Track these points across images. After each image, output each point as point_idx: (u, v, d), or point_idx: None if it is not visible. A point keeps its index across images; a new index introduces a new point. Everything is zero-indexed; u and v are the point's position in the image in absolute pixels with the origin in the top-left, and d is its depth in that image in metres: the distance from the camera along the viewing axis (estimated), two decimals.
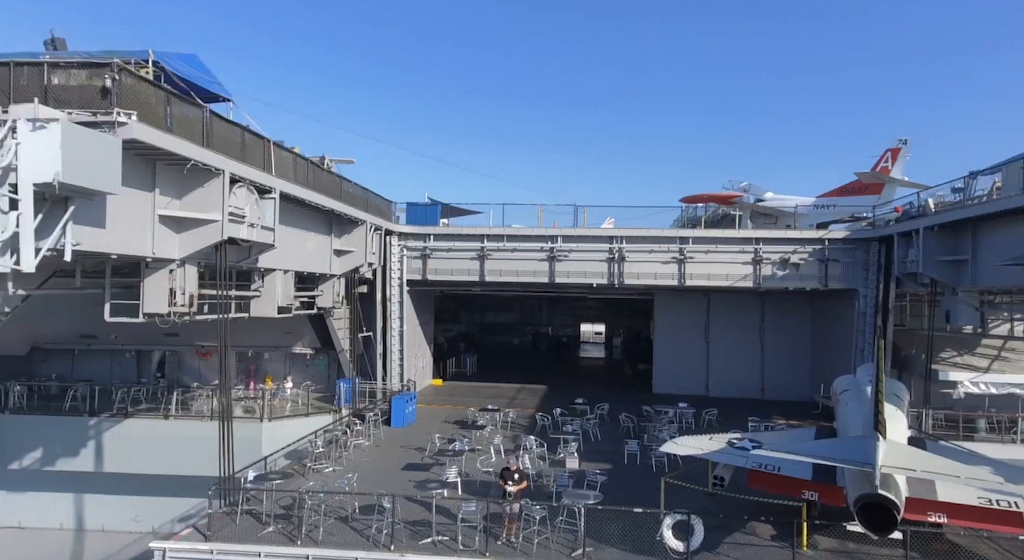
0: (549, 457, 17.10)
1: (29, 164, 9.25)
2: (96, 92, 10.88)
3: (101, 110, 10.63)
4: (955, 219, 18.57)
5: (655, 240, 24.47)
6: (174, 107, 12.18)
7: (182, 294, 13.70)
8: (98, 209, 10.90)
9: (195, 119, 12.93)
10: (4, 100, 10.72)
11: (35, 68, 11.10)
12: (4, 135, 9.18)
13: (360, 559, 11.03)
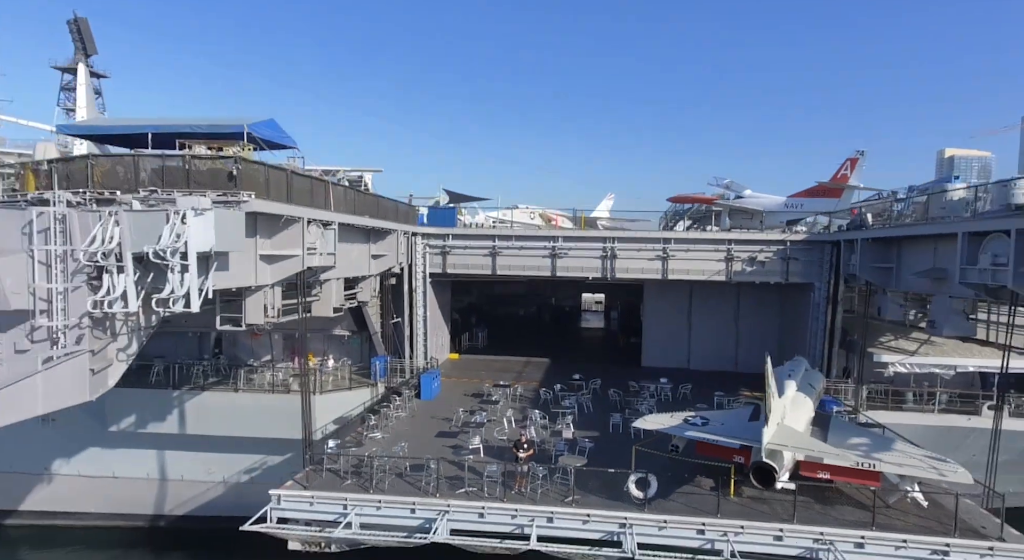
0: (550, 427, 21.89)
1: (194, 240, 13.63)
2: (224, 176, 15.16)
3: (230, 190, 14.93)
4: (884, 236, 22.79)
5: (642, 240, 28.76)
6: (271, 175, 16.45)
7: (271, 308, 18.27)
8: (224, 258, 15.33)
9: (281, 180, 17.19)
10: (158, 182, 15.06)
11: (180, 159, 15.32)
12: (178, 221, 13.53)
13: (416, 503, 15.86)
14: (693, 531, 14.92)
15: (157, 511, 30.09)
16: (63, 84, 69.31)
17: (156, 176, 15.11)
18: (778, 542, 14.58)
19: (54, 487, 29.64)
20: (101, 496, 29.57)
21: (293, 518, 16.45)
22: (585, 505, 15.74)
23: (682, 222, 34.97)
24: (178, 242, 13.41)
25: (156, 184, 14.91)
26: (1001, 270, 15.87)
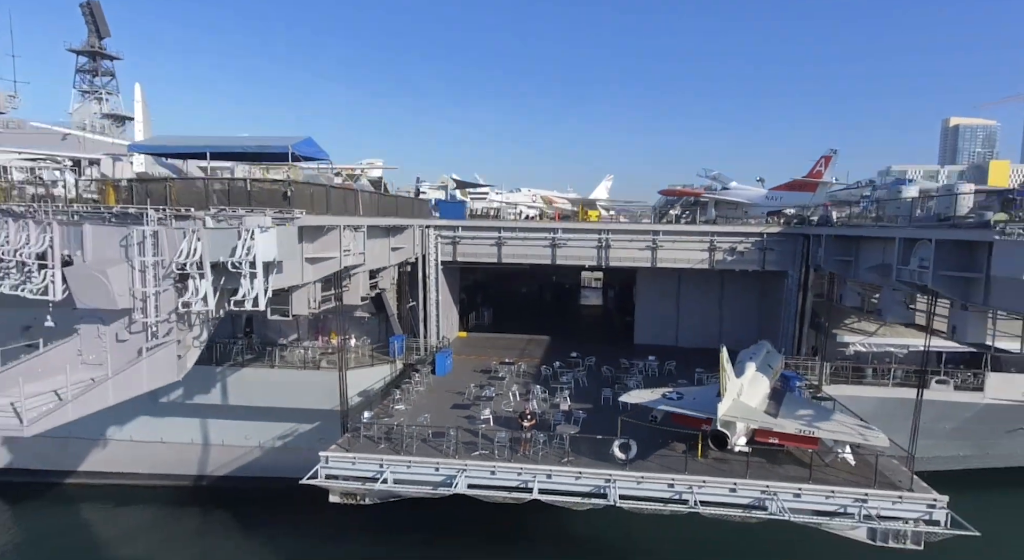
0: (549, 400, 25.43)
1: (261, 252, 16.91)
2: (279, 195, 18.34)
3: (285, 208, 18.12)
4: (843, 234, 25.98)
5: (633, 232, 31.95)
6: (314, 192, 19.63)
7: (313, 300, 21.66)
8: (281, 264, 18.62)
9: (322, 195, 20.38)
10: (225, 201, 18.26)
11: (243, 182, 18.48)
12: (248, 237, 16.77)
13: (439, 463, 19.44)
14: (665, 485, 18.50)
15: (200, 472, 34.05)
16: (78, 66, 71.61)
17: (223, 195, 18.30)
18: (732, 493, 18.17)
19: (109, 451, 33.52)
20: (150, 459, 33.47)
21: (338, 475, 20.00)
22: (577, 465, 19.31)
23: (673, 210, 37.94)
24: (248, 254, 16.68)
25: (223, 202, 18.10)
26: (925, 271, 19.12)
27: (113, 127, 71.08)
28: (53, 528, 31.52)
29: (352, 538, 27.70)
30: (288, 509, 31.43)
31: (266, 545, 29.11)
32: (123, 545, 30.79)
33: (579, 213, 58.11)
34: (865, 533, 18.71)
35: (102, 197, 20.45)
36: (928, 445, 31.57)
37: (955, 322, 20.77)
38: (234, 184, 18.27)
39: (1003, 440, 31.62)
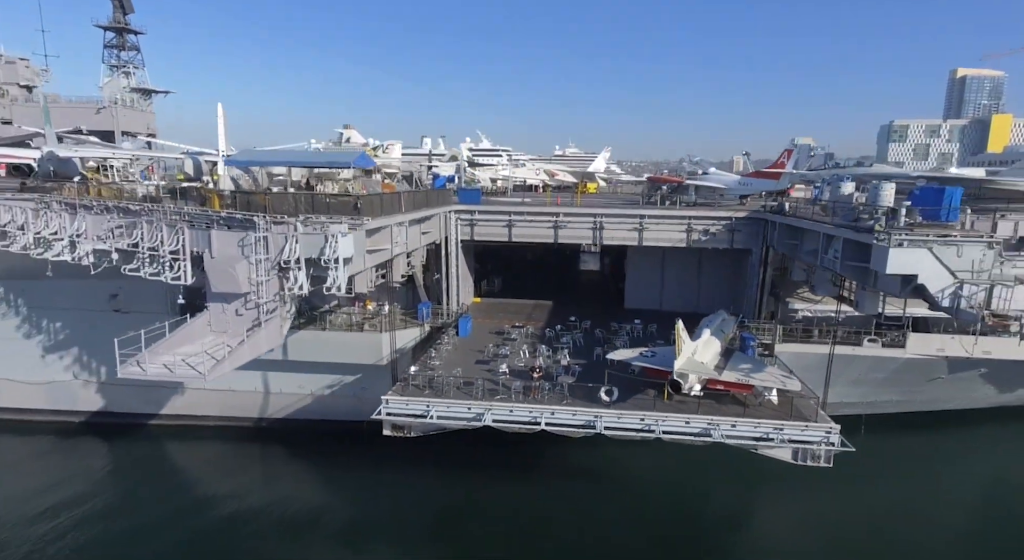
0: (552, 357, 32.17)
1: (342, 251, 23.25)
2: (350, 206, 24.54)
3: (355, 216, 24.35)
4: (791, 224, 32.23)
5: (623, 216, 38.09)
6: (374, 201, 25.81)
7: (370, 282, 28.12)
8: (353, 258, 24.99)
9: (377, 201, 26.55)
10: (310, 209, 24.51)
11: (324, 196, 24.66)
12: (333, 241, 23.06)
13: (471, 404, 26.23)
14: (637, 419, 25.32)
15: (260, 415, 41.22)
16: (106, 42, 76.26)
17: (308, 205, 24.50)
18: (686, 425, 25.01)
19: (187, 397, 40.59)
20: (221, 404, 40.52)
21: (394, 413, 26.83)
22: (574, 405, 26.14)
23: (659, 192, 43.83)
24: (333, 253, 23.04)
25: (308, 211, 24.32)
26: (837, 260, 25.50)
27: (141, 100, 76.25)
28: (139, 459, 38.95)
29: (385, 468, 35.02)
30: (333, 444, 38.95)
31: (314, 473, 36.74)
32: (197, 473, 38.33)
33: (579, 186, 64.10)
34: (790, 454, 25.62)
35: (208, 203, 26.63)
36: (865, 392, 39.01)
37: (857, 298, 27.30)
38: (317, 197, 24.44)
39: (925, 388, 38.56)
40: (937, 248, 21.44)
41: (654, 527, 30.71)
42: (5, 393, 40.71)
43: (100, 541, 29.68)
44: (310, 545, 29.47)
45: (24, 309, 39.47)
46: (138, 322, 38.40)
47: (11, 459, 39.48)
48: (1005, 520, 33.14)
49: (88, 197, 30.84)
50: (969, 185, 38.81)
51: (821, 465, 25.53)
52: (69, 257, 28.91)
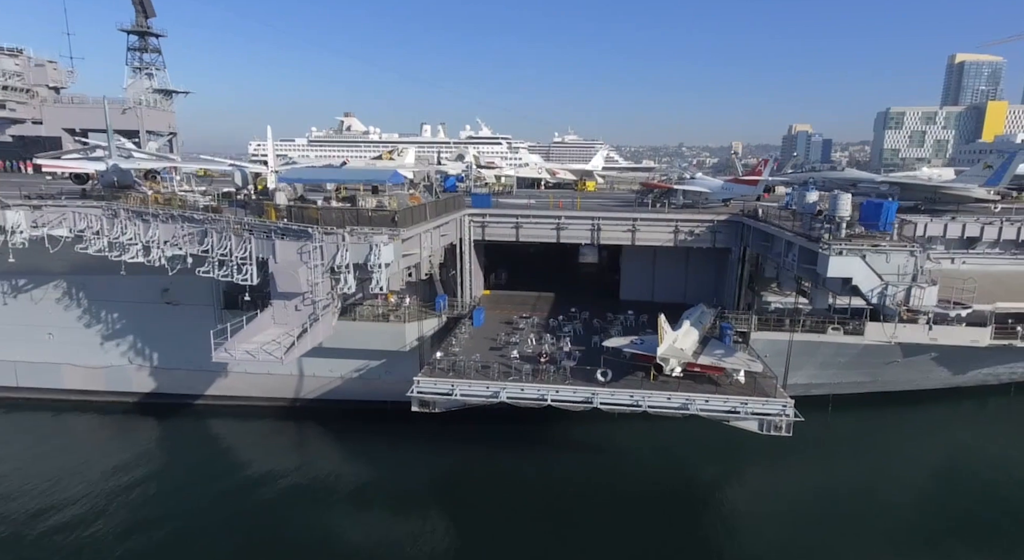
0: (556, 344, 37.37)
1: (384, 258, 28.35)
2: (389, 219, 29.57)
3: (394, 228, 29.39)
4: (762, 229, 37.33)
5: (618, 219, 43.12)
6: (408, 213, 30.84)
7: (401, 280, 33.21)
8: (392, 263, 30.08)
9: (410, 214, 31.57)
10: (354, 221, 29.56)
11: (368, 211, 29.70)
12: (376, 249, 28.14)
13: (488, 384, 31.43)
14: (627, 396, 30.52)
15: (295, 396, 46.48)
16: (129, 45, 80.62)
17: (353, 218, 29.53)
18: (668, 400, 30.21)
19: (229, 380, 45.82)
20: (260, 386, 45.76)
21: (424, 391, 32.01)
22: (574, 384, 31.35)
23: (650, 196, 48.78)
24: (377, 260, 28.14)
25: (353, 223, 29.35)
26: (794, 263, 30.63)
27: (164, 100, 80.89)
28: (186, 435, 44.27)
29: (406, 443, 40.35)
30: (360, 422, 44.41)
31: (343, 447, 42.13)
32: (238, 448, 43.62)
33: (578, 184, 69.03)
34: (756, 425, 30.86)
35: (265, 214, 31.62)
36: (831, 374, 44.31)
37: (811, 295, 32.47)
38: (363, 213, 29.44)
39: (884, 370, 43.89)
40: (869, 256, 26.63)
41: (642, 490, 36.21)
42: (68, 376, 45.94)
43: (152, 506, 34.51)
44: (341, 510, 34.65)
45: (85, 301, 44.54)
46: (187, 313, 43.91)
47: (74, 435, 44.80)
48: (954, 490, 38.49)
49: (154, 206, 35.78)
50: (926, 192, 43.87)
51: (783, 434, 30.67)
52: (144, 260, 33.96)
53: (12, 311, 44.79)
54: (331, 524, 33.20)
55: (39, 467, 38.52)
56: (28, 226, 36.35)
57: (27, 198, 38.47)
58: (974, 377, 47.67)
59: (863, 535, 32.28)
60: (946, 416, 47.70)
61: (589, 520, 33.12)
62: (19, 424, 45.82)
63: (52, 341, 45.38)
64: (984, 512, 34.77)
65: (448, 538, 32.16)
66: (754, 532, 32.86)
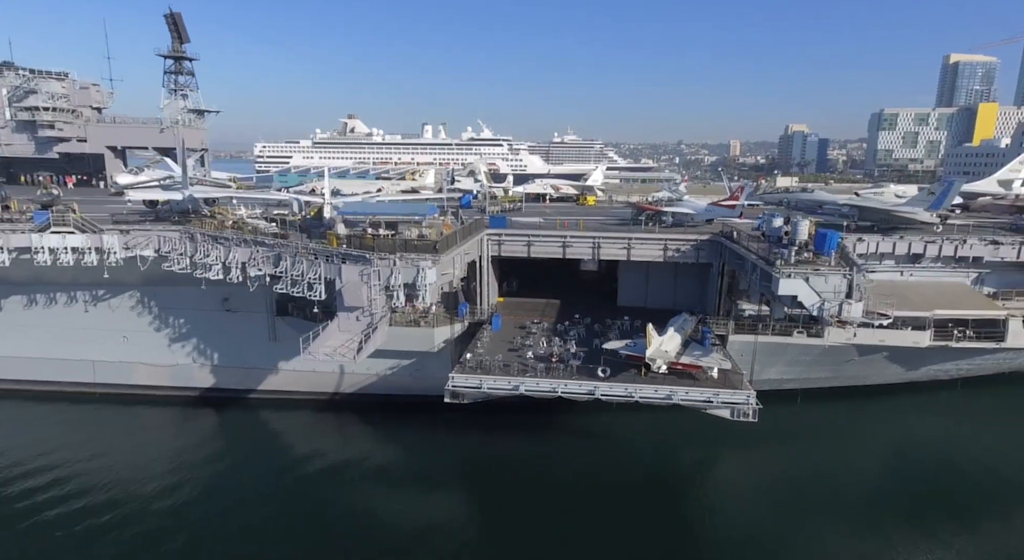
0: (563, 345, 44.87)
1: (429, 279, 35.84)
2: (431, 246, 37.01)
3: (435, 254, 36.81)
4: (735, 249, 44.85)
5: (615, 238, 50.61)
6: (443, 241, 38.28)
7: (437, 293, 40.66)
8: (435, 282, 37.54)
9: (446, 241, 39.01)
10: (403, 249, 37.04)
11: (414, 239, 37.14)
12: (424, 272, 35.59)
13: (510, 379, 38.88)
14: (623, 389, 38.00)
15: (336, 390, 53.89)
16: (166, 68, 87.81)
17: (401, 245, 36.98)
18: (655, 392, 37.67)
19: (280, 377, 53.25)
20: (306, 381, 53.14)
21: (459, 386, 39.41)
22: (579, 379, 38.82)
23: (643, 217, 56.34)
24: (423, 281, 35.59)
25: (402, 249, 36.78)
26: (756, 282, 38.11)
27: (197, 119, 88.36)
28: (241, 425, 51.68)
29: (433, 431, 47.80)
30: (393, 413, 51.86)
31: (378, 436, 49.68)
32: (286, 435, 51.08)
33: (579, 198, 76.59)
34: (728, 413, 38.30)
35: (328, 241, 39.01)
36: (799, 371, 51.83)
37: (771, 306, 39.96)
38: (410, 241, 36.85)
39: (845, 367, 51.45)
40: (811, 278, 34.17)
41: (634, 469, 43.85)
42: (141, 373, 53.42)
43: (215, 482, 41.69)
44: (375, 487, 41.93)
45: (156, 309, 51.95)
46: (243, 319, 51.32)
47: (145, 424, 52.29)
48: (905, 471, 45.78)
49: (226, 230, 43.18)
50: (880, 214, 51.37)
51: (750, 420, 38.13)
52: (223, 277, 41.34)
53: (92, 317, 52.19)
54: (366, 499, 40.66)
55: (116, 451, 46.20)
56: (121, 248, 43.66)
57: (117, 223, 45.77)
58: (925, 373, 55.13)
59: (825, 509, 39.53)
60: (901, 407, 55.17)
61: (590, 494, 40.70)
62: (95, 415, 53.21)
63: (126, 343, 52.81)
64: (930, 490, 42.11)
65: (469, 509, 39.87)
66: (730, 506, 40.45)
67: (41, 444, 46.22)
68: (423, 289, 35.41)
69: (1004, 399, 57.01)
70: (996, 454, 47.19)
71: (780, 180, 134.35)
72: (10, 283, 49.84)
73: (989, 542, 36.55)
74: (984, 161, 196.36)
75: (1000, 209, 60.35)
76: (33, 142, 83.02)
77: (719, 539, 36.73)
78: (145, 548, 34.75)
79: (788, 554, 35.04)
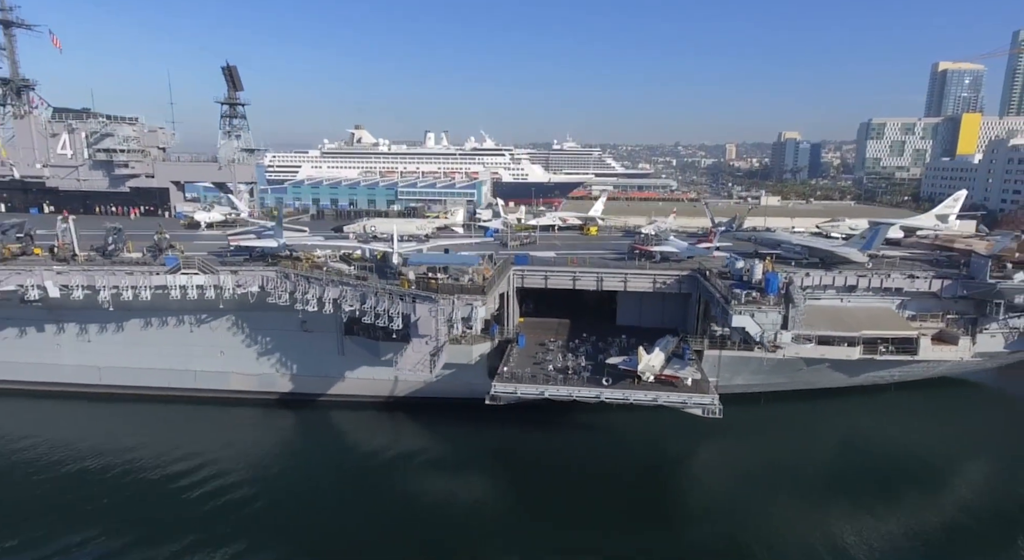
0: (575, 360, 58.73)
1: (479, 313, 49.73)
2: (480, 289, 50.85)
3: (483, 295, 50.58)
4: (706, 286, 58.82)
5: (615, 273, 64.53)
6: (489, 283, 52.14)
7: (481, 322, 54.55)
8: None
9: (491, 283, 52.83)
10: (459, 291, 50.94)
11: (465, 283, 51.05)
12: (476, 310, 49.40)
13: (537, 386, 52.77)
14: (621, 394, 51.85)
15: (390, 394, 67.72)
16: (222, 113, 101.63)
17: (458, 288, 50.80)
18: (644, 396, 51.52)
19: (346, 383, 66.98)
20: (368, 387, 66.86)
21: (498, 391, 53.18)
22: (588, 386, 52.68)
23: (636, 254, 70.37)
24: (476, 315, 49.45)
25: (459, 291, 50.58)
26: (719, 314, 52.06)
27: (248, 157, 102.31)
28: (314, 422, 65.53)
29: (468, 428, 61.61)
30: (438, 414, 65.60)
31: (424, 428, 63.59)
32: (350, 430, 64.96)
33: (583, 227, 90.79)
34: (700, 411, 52.10)
35: (399, 282, 52.77)
36: (762, 378, 65.98)
37: (730, 331, 53.94)
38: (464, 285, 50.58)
39: (798, 375, 65.50)
40: (756, 315, 48.16)
41: (629, 453, 57.92)
42: (235, 380, 67.24)
43: (291, 468, 55.51)
44: (424, 472, 55.80)
45: (247, 329, 65.69)
46: (317, 337, 65.30)
47: (237, 421, 66.05)
48: (850, 459, 59.94)
49: (314, 271, 56.92)
50: (824, 253, 65.37)
51: (716, 416, 51.94)
52: (318, 310, 55.01)
53: (196, 336, 65.95)
54: (418, 478, 54.67)
55: (215, 442, 59.76)
56: (233, 285, 57.41)
57: (227, 265, 59.51)
58: (865, 378, 69.18)
59: (783, 487, 53.26)
60: (845, 406, 69.24)
61: (596, 473, 54.78)
62: (195, 414, 66.96)
63: (223, 356, 66.58)
64: (868, 472, 55.71)
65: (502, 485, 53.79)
66: (704, 483, 54.85)
67: (159, 438, 60.23)
68: (475, 321, 49.19)
69: (930, 400, 71.18)
70: (920, 444, 61.71)
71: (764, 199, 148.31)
72: (133, 309, 63.50)
73: (912, 512, 49.95)
74: (959, 175, 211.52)
75: (923, 247, 74.43)
76: (108, 178, 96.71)
77: (697, 508, 51.04)
78: (239, 512, 48.14)
79: (752, 520, 48.55)
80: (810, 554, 43.88)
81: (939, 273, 62.48)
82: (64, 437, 60.01)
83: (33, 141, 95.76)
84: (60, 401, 67.84)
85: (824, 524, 47.57)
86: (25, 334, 66.54)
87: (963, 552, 45.29)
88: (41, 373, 67.82)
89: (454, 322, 49.44)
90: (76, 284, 56.44)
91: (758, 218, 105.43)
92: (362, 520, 47.81)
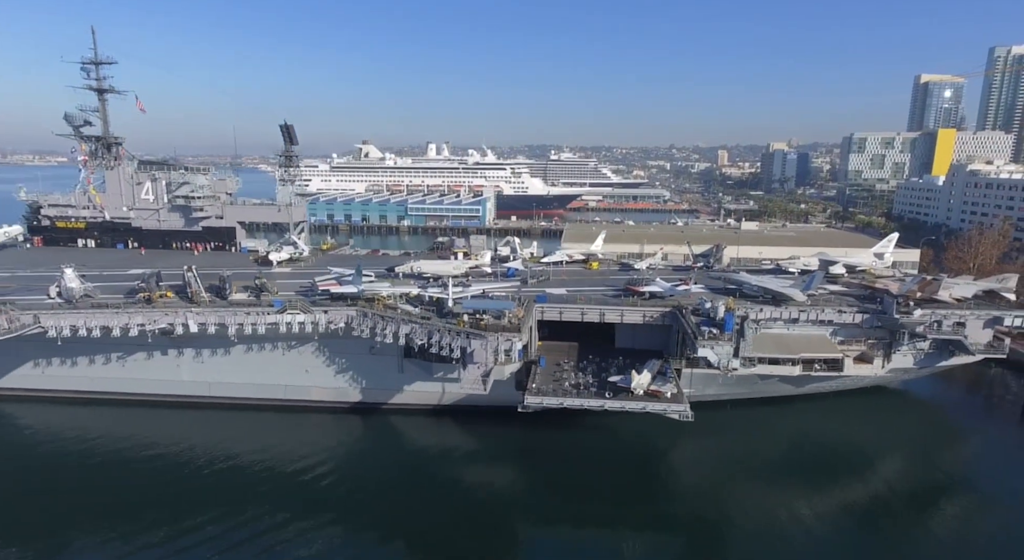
0: (583, 377, 78.87)
1: (516, 348, 69.84)
2: (516, 327, 70.92)
3: (519, 332, 70.63)
4: (681, 321, 79.21)
5: (613, 308, 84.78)
6: (522, 322, 72.26)
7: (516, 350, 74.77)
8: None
9: (524, 322, 72.94)
10: (502, 329, 71.17)
11: (505, 323, 71.26)
12: (513, 345, 69.49)
13: (558, 398, 72.88)
14: (619, 404, 71.79)
15: (437, 403, 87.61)
16: (280, 163, 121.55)
17: (501, 327, 70.84)
18: (636, 405, 71.62)
19: (404, 394, 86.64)
20: (423, 396, 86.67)
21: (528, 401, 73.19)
22: (595, 398, 72.75)
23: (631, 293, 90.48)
24: (516, 348, 69.60)
25: (502, 330, 70.59)
26: (690, 345, 72.51)
27: (300, 200, 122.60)
28: (376, 426, 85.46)
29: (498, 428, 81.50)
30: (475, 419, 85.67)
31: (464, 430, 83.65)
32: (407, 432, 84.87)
33: (586, 262, 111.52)
34: (677, 416, 72.21)
35: (457, 322, 72.68)
36: (728, 388, 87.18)
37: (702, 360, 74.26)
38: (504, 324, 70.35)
39: (756, 386, 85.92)
40: (716, 347, 68.54)
41: (626, 448, 78.32)
42: (315, 392, 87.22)
43: (359, 462, 75.82)
44: (463, 465, 76.06)
45: (327, 352, 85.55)
46: (382, 358, 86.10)
47: (315, 425, 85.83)
48: (799, 451, 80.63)
49: (389, 311, 76.79)
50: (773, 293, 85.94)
51: (689, 419, 71.98)
52: (392, 341, 74.79)
53: (287, 358, 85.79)
54: (459, 470, 74.69)
55: (297, 443, 79.50)
56: (325, 322, 77.35)
57: (317, 306, 79.38)
58: (810, 388, 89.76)
59: (745, 476, 73.76)
60: (795, 410, 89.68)
61: (599, 462, 75.05)
62: (283, 421, 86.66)
63: (307, 373, 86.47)
64: (813, 462, 76.36)
65: (527, 473, 73.95)
66: (683, 470, 75.35)
67: (257, 439, 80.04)
68: (514, 352, 69.17)
69: (862, 405, 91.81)
70: (853, 440, 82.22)
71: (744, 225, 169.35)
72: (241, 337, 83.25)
73: (847, 493, 69.39)
74: (925, 195, 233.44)
75: (854, 285, 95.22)
76: (184, 219, 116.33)
77: (676, 488, 71.65)
78: (328, 494, 68.10)
79: (717, 499, 68.63)
80: (765, 526, 63.58)
81: (861, 308, 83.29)
82: (180, 438, 79.79)
83: (121, 188, 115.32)
84: (178, 410, 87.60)
85: (777, 502, 67.04)
86: (152, 357, 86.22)
87: (887, 523, 65.10)
88: (163, 387, 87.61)
89: (499, 352, 69.47)
90: (210, 322, 76.24)
91: (734, 248, 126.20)
92: (418, 502, 67.39)
